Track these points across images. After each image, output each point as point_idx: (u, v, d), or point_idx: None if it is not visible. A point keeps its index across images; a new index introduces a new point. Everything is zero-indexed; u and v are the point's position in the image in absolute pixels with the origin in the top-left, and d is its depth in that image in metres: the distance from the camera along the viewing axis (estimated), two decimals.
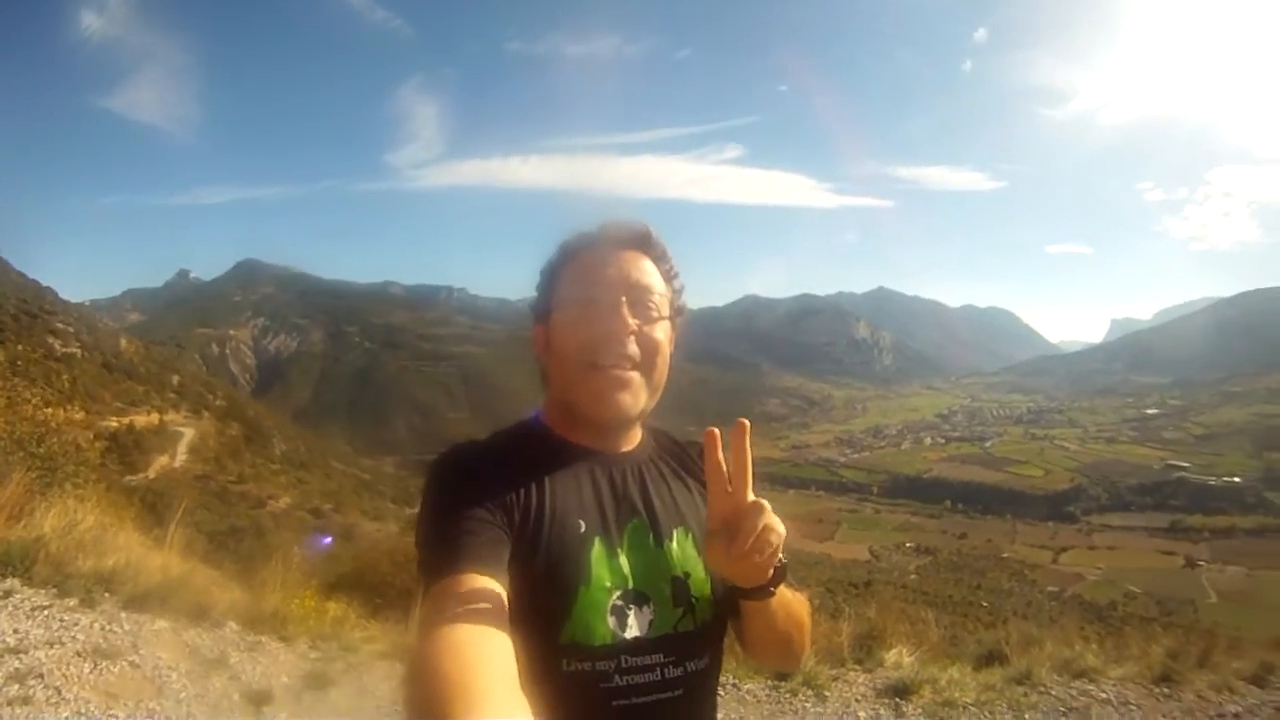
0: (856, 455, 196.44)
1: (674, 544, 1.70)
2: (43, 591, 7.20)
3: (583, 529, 1.60)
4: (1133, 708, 7.48)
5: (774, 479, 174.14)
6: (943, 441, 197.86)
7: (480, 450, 1.67)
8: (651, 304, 1.72)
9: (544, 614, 1.51)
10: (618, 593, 1.58)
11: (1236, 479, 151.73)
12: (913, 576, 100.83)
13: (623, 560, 1.62)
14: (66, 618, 6.74)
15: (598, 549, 1.59)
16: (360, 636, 7.84)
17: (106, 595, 7.37)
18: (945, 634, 11.90)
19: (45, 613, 6.76)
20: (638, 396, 1.69)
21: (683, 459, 1.89)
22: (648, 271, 1.76)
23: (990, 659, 8.81)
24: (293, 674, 6.84)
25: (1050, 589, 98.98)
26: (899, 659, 8.22)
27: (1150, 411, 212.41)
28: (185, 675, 6.31)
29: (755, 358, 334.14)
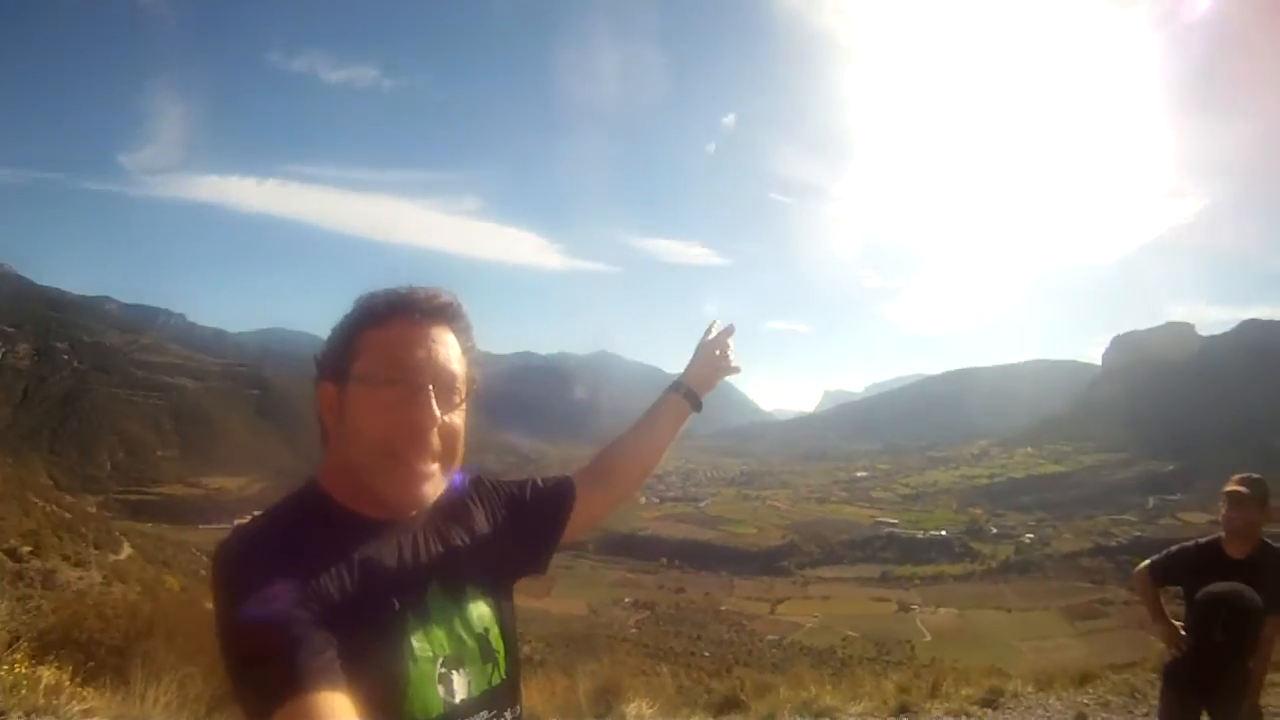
0: None
1: (469, 602, 1.72)
2: None
3: (396, 606, 1.57)
4: None
5: None
6: (657, 500, 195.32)
7: (270, 534, 1.57)
8: (456, 391, 1.68)
9: (380, 698, 1.46)
10: (440, 660, 1.60)
11: (943, 532, 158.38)
12: (633, 630, 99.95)
13: (435, 628, 1.62)
14: None
15: (412, 623, 1.58)
16: (78, 710, 6.97)
17: None
18: (677, 685, 12.89)
19: None
20: (436, 488, 1.66)
21: (455, 508, 1.85)
22: (454, 353, 1.70)
23: (727, 706, 9.35)
24: None
25: (770, 637, 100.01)
26: (640, 712, 8.43)
27: (860, 474, 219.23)
28: None
29: (471, 412, 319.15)
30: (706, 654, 72.57)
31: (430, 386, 1.61)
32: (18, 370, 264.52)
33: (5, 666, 7.21)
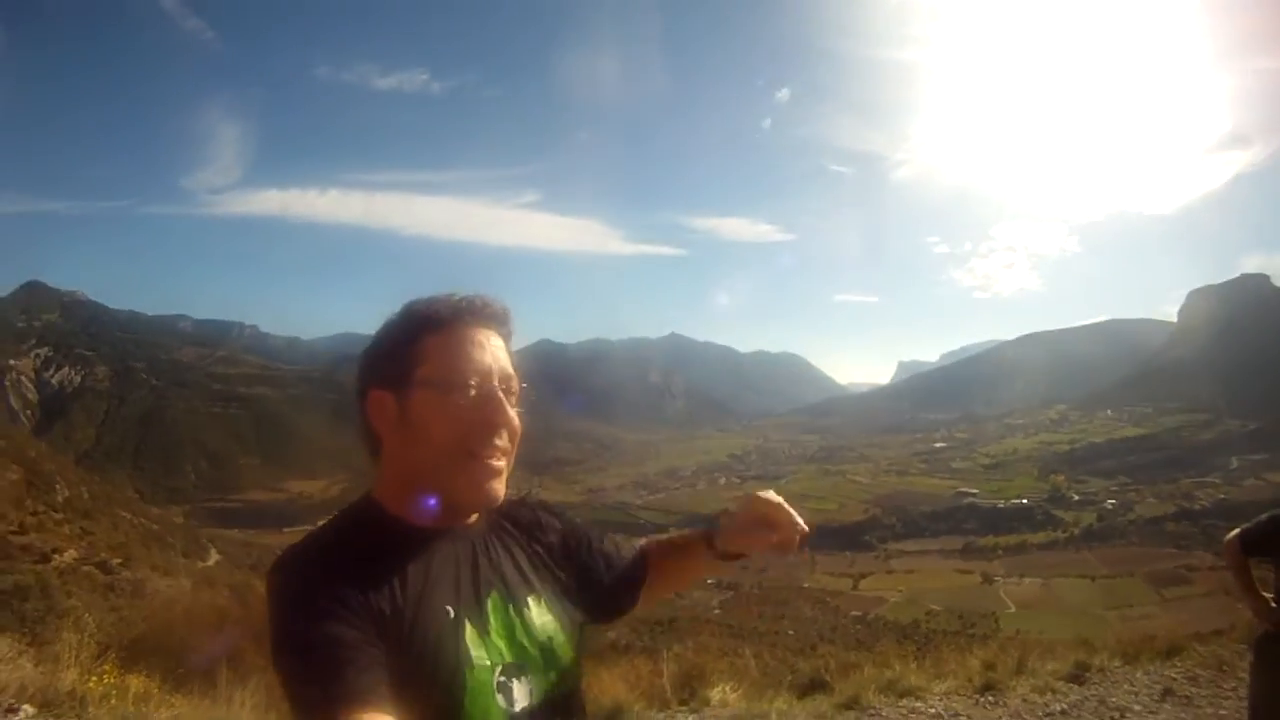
0: (652, 496, 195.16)
1: (531, 610, 1.71)
2: None
3: (452, 614, 1.57)
4: (962, 718, 7.98)
5: None
6: (738, 481, 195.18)
7: (323, 549, 1.58)
8: (514, 391, 1.72)
9: (436, 708, 1.49)
10: (499, 669, 1.59)
11: (1024, 501, 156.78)
12: (717, 611, 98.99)
13: (494, 636, 1.62)
14: None
15: (470, 631, 1.58)
16: (167, 717, 7.09)
17: None
18: (761, 666, 12.32)
19: None
20: (505, 484, 1.70)
21: (516, 519, 1.88)
22: (508, 355, 1.75)
23: (813, 687, 9.02)
24: None
25: (854, 613, 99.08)
26: (724, 696, 8.35)
27: (939, 445, 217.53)
28: None
29: (548, 402, 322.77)
30: (790, 633, 70.84)
31: (500, 387, 1.66)
32: (98, 392, 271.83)
33: (95, 677, 7.45)
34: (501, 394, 1.66)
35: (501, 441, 1.66)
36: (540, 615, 1.71)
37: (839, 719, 7.70)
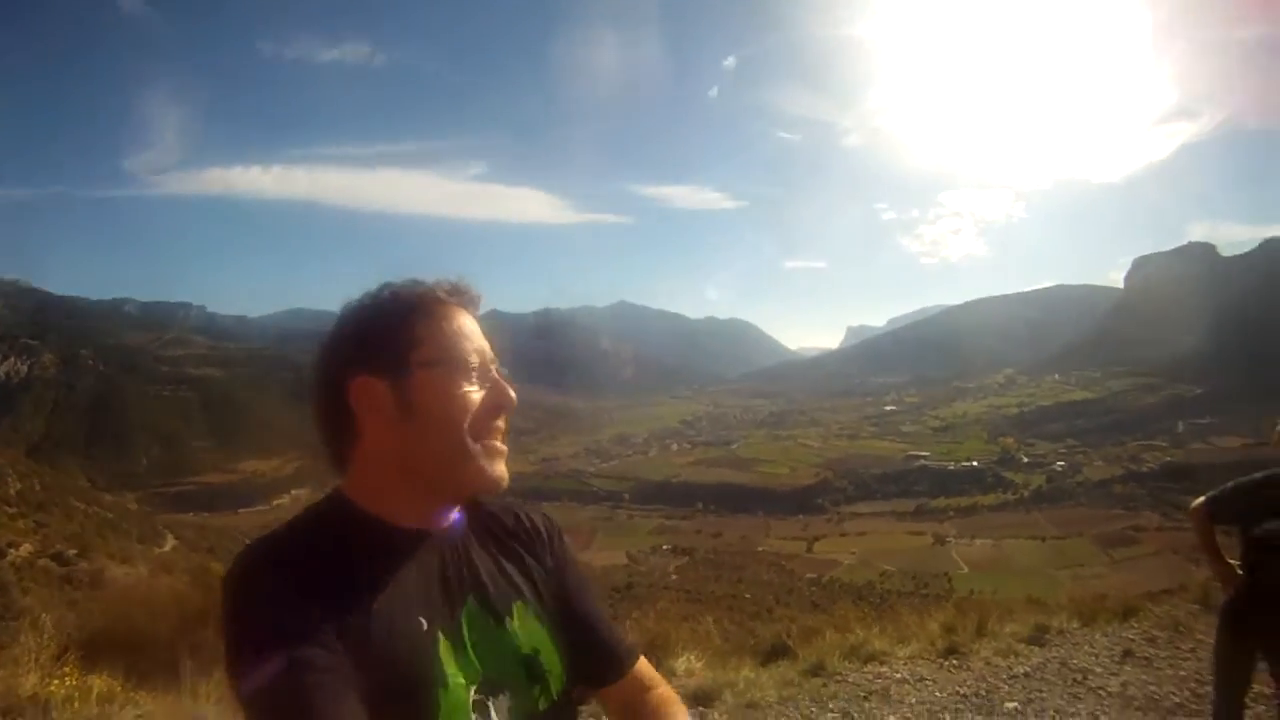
0: (605, 464, 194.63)
1: (515, 620, 1.59)
2: None
3: (425, 626, 1.45)
4: (928, 682, 7.92)
5: (526, 493, 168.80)
6: (689, 447, 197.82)
7: (284, 553, 1.45)
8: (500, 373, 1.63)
9: None
10: (474, 687, 1.47)
11: (974, 463, 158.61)
12: (673, 576, 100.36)
13: (470, 651, 1.49)
14: None
15: (444, 645, 1.46)
16: (133, 717, 6.84)
17: None
18: (722, 632, 12.88)
19: None
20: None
21: (505, 521, 1.76)
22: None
23: (776, 654, 9.11)
24: None
25: (809, 576, 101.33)
26: (689, 665, 8.33)
27: (889, 408, 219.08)
28: None
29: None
30: (748, 596, 71.53)
31: (497, 369, 1.60)
32: (45, 381, 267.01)
33: (56, 680, 7.22)
34: (498, 374, 1.59)
35: (501, 423, 1.57)
36: (525, 625, 1.60)
37: (807, 685, 7.65)
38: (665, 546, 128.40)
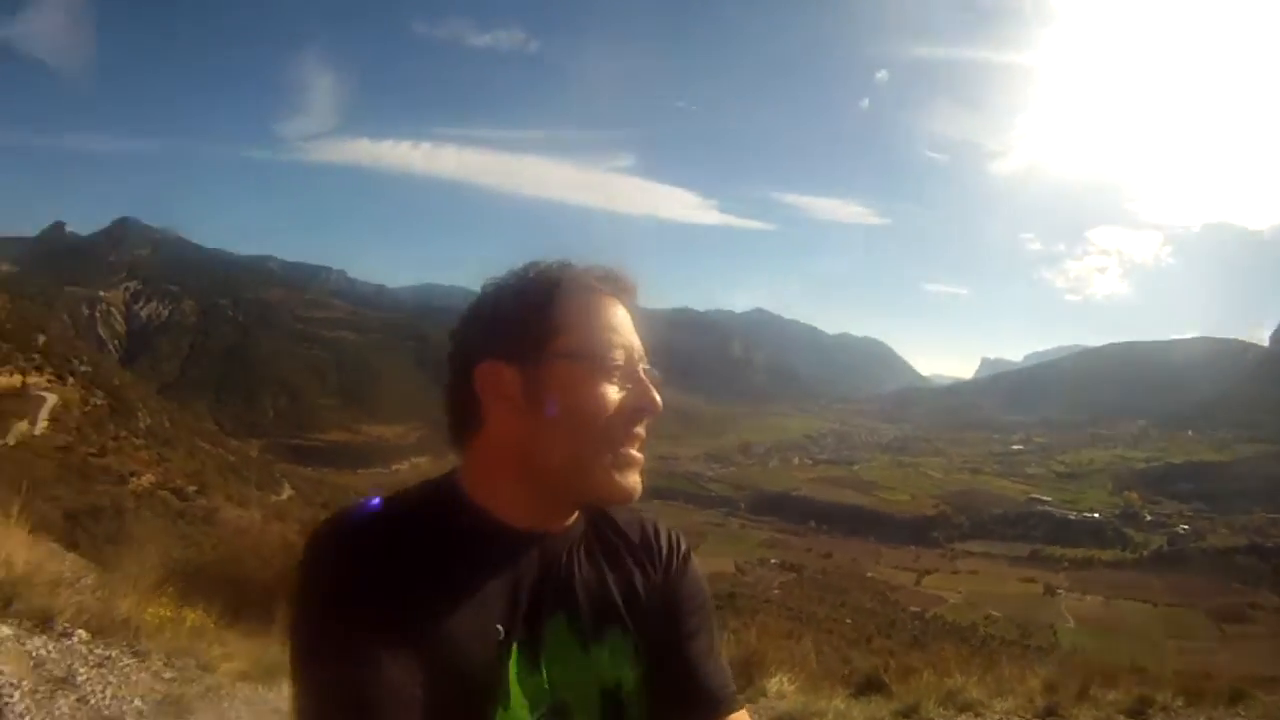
0: (724, 470, 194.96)
1: (605, 647, 1.42)
2: None
3: (501, 635, 1.32)
4: None
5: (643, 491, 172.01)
6: (810, 462, 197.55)
7: (375, 528, 1.34)
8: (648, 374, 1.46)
9: None
10: (538, 713, 1.34)
11: (1096, 515, 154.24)
12: (776, 591, 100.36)
13: (544, 670, 1.36)
14: None
15: (516, 660, 1.33)
16: (219, 654, 7.11)
17: None
18: (819, 656, 11.95)
19: None
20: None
21: (620, 535, 1.56)
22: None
23: (870, 687, 8.79)
24: (147, 697, 6.03)
25: (913, 609, 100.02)
26: (781, 688, 8.08)
27: (1016, 447, 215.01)
28: (29, 695, 5.45)
29: None
30: (849, 622, 71.40)
31: (641, 367, 1.43)
32: (184, 326, 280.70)
33: (152, 609, 7.36)
34: (645, 375, 1.43)
35: (642, 430, 1.42)
36: (615, 653, 1.44)
37: None
38: (773, 560, 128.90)
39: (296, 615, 1.27)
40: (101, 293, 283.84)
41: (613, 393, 1.37)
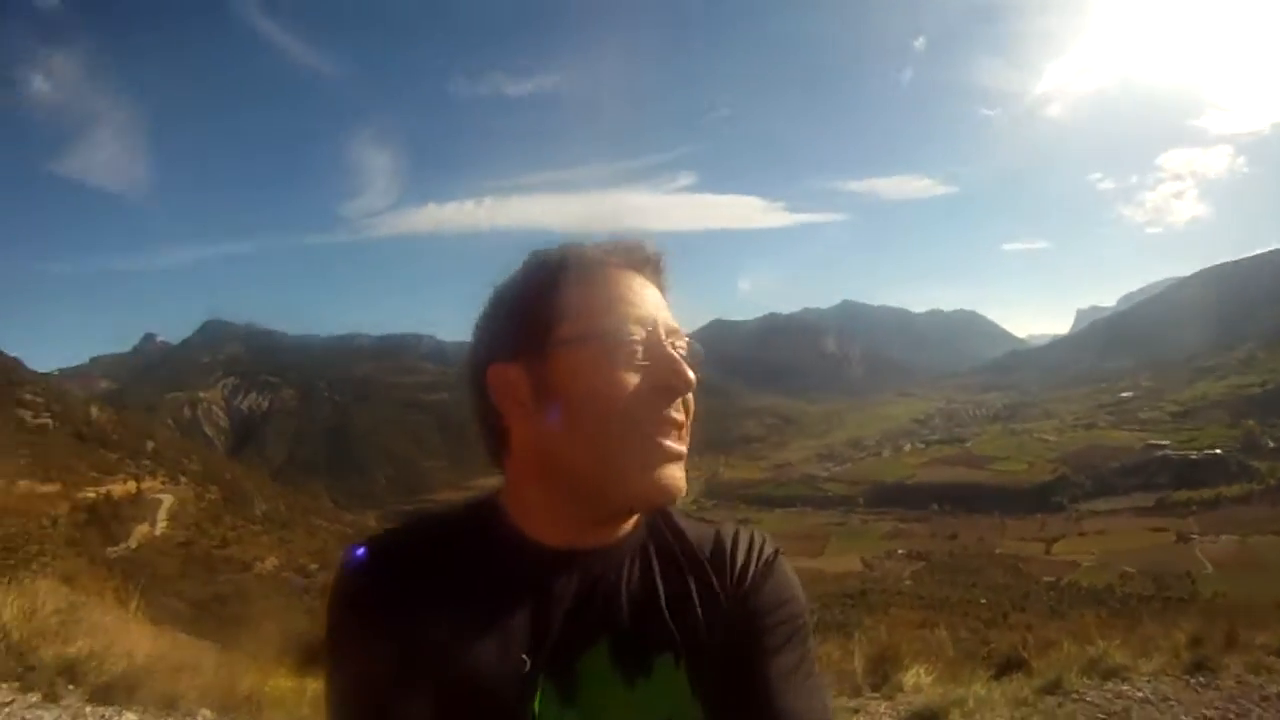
0: (838, 468, 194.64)
1: (655, 677, 1.22)
2: (4, 686, 6.56)
3: (526, 667, 1.16)
4: (1173, 703, 7.05)
5: (758, 500, 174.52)
6: (922, 446, 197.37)
7: (399, 551, 1.25)
8: (685, 350, 1.25)
9: None
10: None
11: (1218, 451, 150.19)
12: (907, 582, 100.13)
13: (578, 708, 1.19)
14: (29, 715, 6.13)
15: (544, 694, 1.17)
16: None
17: (71, 687, 6.71)
18: (955, 640, 11.97)
19: (6, 710, 6.12)
20: (685, 474, 1.23)
21: (686, 546, 1.34)
22: (669, 309, 1.28)
23: (1010, 666, 8.39)
24: None
25: (1046, 579, 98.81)
26: (918, 680, 7.75)
27: (1125, 395, 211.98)
28: None
29: (727, 381, 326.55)
30: (983, 602, 71.61)
31: (668, 341, 1.21)
32: (286, 412, 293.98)
33: (273, 681, 7.55)
34: (672, 349, 1.20)
35: (679, 414, 1.20)
36: (666, 686, 1.22)
37: (1041, 705, 7.07)
38: (900, 551, 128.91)
39: (327, 623, 1.21)
40: (201, 393, 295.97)
41: (631, 373, 1.17)
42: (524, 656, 1.16)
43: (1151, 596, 74.16)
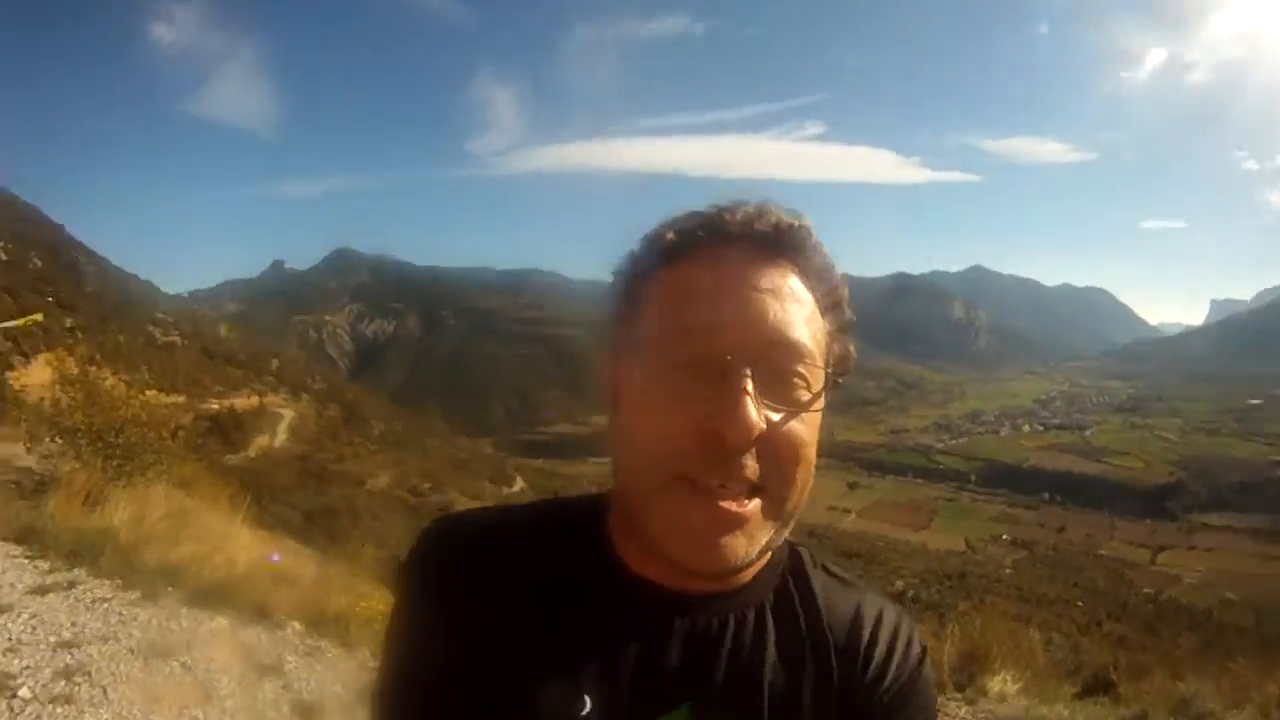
0: (954, 441, 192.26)
1: None
2: (107, 583, 6.87)
3: (584, 709, 0.96)
4: None
5: (872, 464, 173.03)
6: (1041, 429, 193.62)
7: (482, 553, 1.07)
8: (799, 373, 0.96)
9: None
10: None
11: None
12: (1008, 571, 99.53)
13: None
14: (125, 612, 6.40)
15: None
16: None
17: (170, 589, 6.98)
18: (1045, 645, 11.62)
19: (105, 605, 6.42)
20: (754, 540, 0.95)
21: (814, 616, 1.11)
22: (796, 311, 0.97)
23: (1097, 687, 8.25)
24: (348, 685, 6.28)
25: (1146, 590, 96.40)
26: (1003, 688, 7.47)
27: (1253, 402, 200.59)
28: (236, 680, 5.84)
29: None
30: (1080, 604, 70.54)
31: (747, 369, 0.91)
32: (408, 339, 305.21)
33: (365, 602, 7.53)
34: (750, 380, 0.91)
35: (737, 465, 0.91)
36: None
37: None
38: (1005, 536, 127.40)
39: (394, 600, 1.10)
40: (327, 317, 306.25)
41: (668, 397, 0.93)
42: (585, 698, 0.97)
43: (1247, 630, 69.33)
